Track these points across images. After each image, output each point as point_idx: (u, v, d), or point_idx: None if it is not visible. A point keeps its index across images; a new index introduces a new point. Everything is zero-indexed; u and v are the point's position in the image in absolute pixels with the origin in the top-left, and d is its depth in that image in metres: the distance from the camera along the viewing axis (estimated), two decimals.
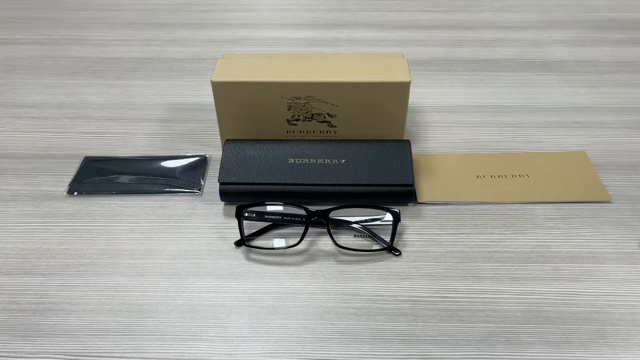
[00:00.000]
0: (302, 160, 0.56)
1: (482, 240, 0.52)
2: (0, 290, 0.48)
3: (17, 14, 0.97)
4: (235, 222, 0.51)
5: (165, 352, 0.43)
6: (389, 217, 0.51)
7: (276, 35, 0.90)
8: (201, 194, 0.58)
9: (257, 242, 0.52)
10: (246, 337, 0.44)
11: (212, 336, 0.44)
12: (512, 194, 0.57)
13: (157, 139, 0.66)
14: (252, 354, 0.43)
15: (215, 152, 0.63)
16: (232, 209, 0.52)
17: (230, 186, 0.55)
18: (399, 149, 0.57)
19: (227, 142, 0.57)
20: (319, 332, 0.45)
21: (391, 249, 0.51)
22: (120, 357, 0.43)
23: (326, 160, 0.56)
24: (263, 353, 0.43)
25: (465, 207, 0.56)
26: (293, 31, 0.91)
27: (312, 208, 0.51)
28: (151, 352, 0.43)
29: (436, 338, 0.44)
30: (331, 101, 0.58)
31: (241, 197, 0.55)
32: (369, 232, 0.53)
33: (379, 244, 0.52)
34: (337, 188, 0.55)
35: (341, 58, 0.65)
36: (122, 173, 0.60)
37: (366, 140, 0.58)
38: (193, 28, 0.91)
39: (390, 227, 0.51)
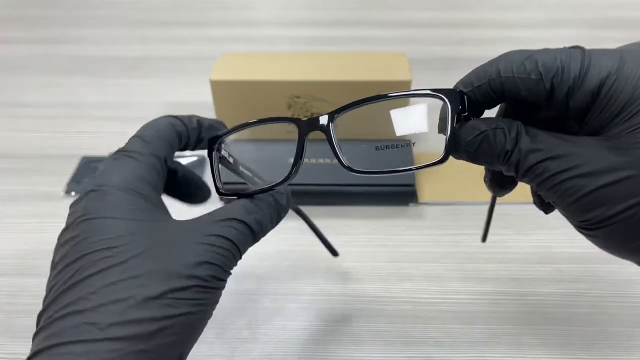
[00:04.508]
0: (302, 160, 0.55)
1: None
2: None
3: (14, 13, 0.96)
4: None
5: None
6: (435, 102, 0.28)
7: (276, 33, 0.89)
8: None
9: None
10: (245, 339, 0.44)
11: (210, 338, 0.44)
12: (515, 194, 0.57)
13: None
14: (251, 356, 0.43)
15: None
16: None
17: (229, 185, 0.54)
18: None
19: None
20: (319, 334, 0.44)
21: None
22: None
23: (326, 160, 0.56)
24: (262, 355, 0.43)
25: (467, 207, 0.55)
26: (293, 29, 0.90)
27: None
28: None
29: (437, 340, 0.44)
30: (331, 100, 0.57)
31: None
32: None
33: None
34: (338, 188, 0.54)
35: (341, 57, 0.64)
36: None
37: (366, 140, 0.57)
38: (192, 26, 0.91)
39: None
